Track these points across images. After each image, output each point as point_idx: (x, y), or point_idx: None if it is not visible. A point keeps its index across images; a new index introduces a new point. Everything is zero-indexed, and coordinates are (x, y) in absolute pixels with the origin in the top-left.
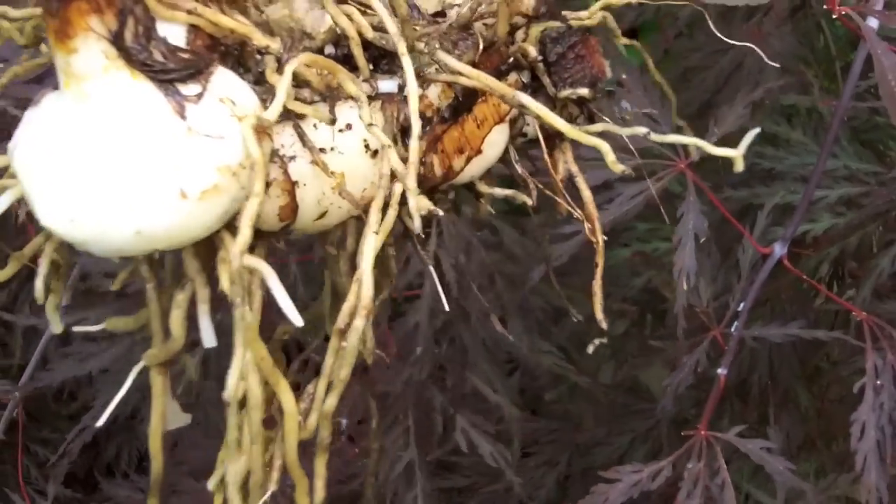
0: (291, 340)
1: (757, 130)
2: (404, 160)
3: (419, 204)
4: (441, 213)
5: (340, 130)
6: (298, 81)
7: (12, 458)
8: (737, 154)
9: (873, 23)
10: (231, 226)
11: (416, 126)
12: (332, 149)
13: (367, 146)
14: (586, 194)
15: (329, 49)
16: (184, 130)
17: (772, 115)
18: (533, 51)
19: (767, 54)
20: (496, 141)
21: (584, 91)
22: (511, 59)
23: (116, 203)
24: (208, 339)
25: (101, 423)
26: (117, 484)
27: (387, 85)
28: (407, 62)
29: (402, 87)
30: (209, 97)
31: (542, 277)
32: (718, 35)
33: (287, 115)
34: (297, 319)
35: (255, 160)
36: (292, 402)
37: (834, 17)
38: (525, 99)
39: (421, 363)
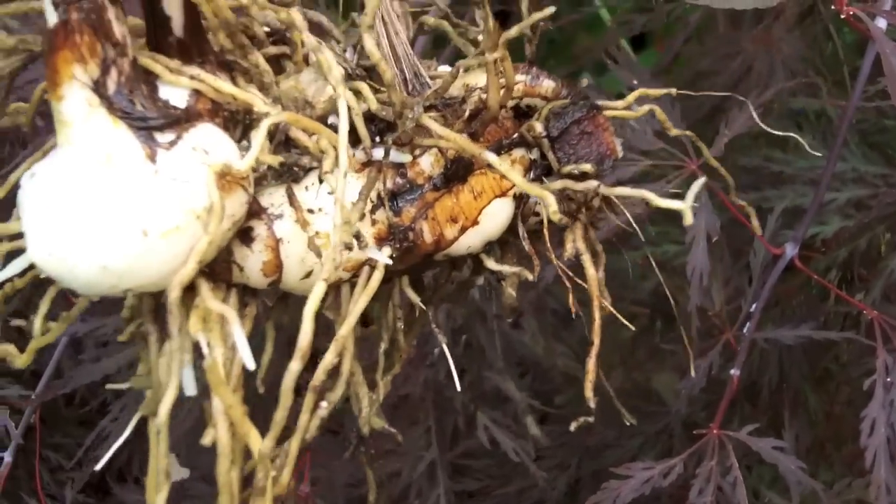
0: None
1: (703, 180)
2: (392, 224)
3: (329, 274)
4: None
5: (329, 192)
6: (300, 147)
7: (24, 463)
8: (684, 207)
9: (882, 23)
10: (209, 274)
11: (339, 181)
12: (319, 209)
13: None
14: (591, 273)
15: (332, 119)
16: (151, 173)
17: (780, 119)
18: (539, 127)
19: (776, 59)
20: (497, 213)
21: (586, 167)
22: (516, 135)
23: (84, 239)
24: (189, 387)
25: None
26: (129, 489)
27: (379, 153)
28: (342, 105)
29: (388, 152)
30: (183, 145)
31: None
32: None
33: (281, 176)
34: (250, 364)
35: (213, 203)
36: (266, 458)
37: (842, 16)
38: (491, 157)
39: (438, 365)
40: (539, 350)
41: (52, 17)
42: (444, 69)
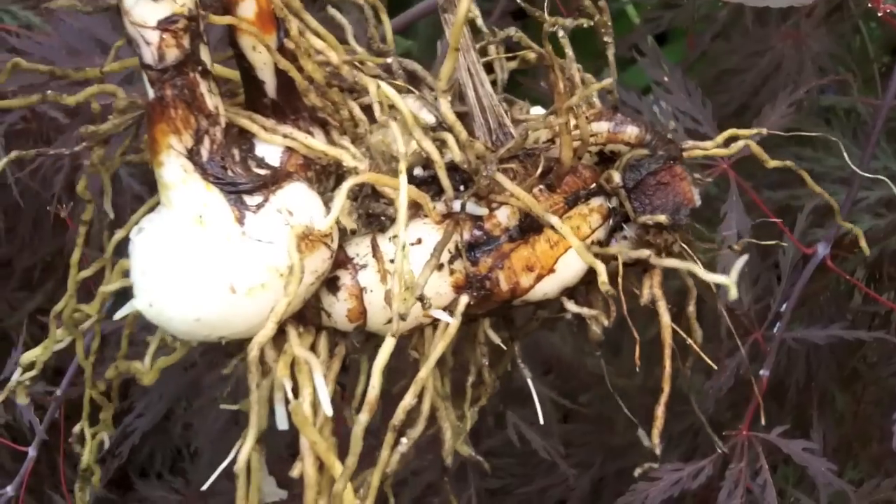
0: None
1: (745, 258)
2: (469, 274)
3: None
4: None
5: (412, 244)
6: (386, 198)
7: (46, 458)
8: (729, 282)
9: None
10: (300, 318)
11: (399, 255)
12: None
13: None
14: (665, 321)
15: (418, 171)
16: (239, 235)
17: (810, 116)
18: (616, 177)
19: (805, 56)
20: (573, 261)
21: (661, 218)
22: (594, 185)
23: (179, 295)
24: (281, 422)
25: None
26: (152, 485)
27: (458, 205)
28: (403, 184)
29: (464, 206)
30: (269, 207)
31: None
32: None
33: (369, 227)
34: (328, 410)
35: (293, 265)
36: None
37: (879, 14)
38: (553, 220)
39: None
40: (568, 350)
41: (150, 93)
42: (536, 111)
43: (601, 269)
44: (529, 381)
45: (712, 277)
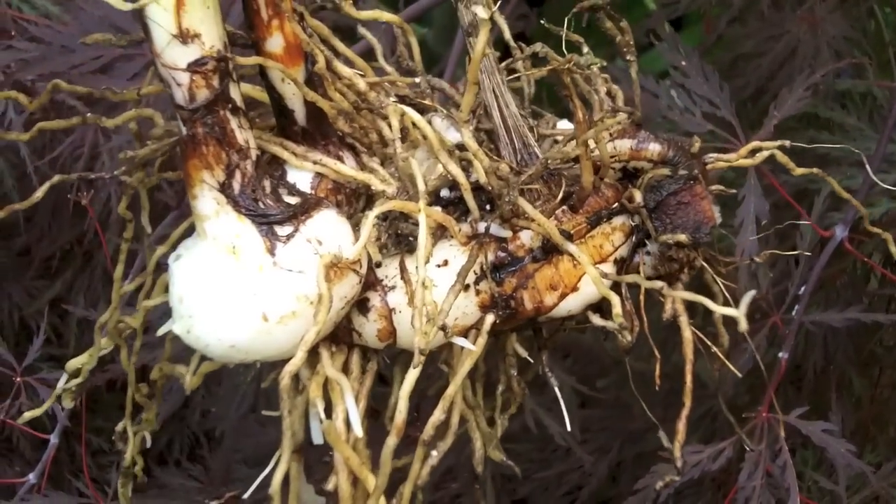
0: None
1: (752, 293)
2: (494, 294)
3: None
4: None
5: (438, 266)
6: (416, 220)
7: (66, 446)
8: (739, 315)
9: None
10: (332, 338)
11: (419, 291)
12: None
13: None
14: (687, 336)
15: (444, 192)
16: (270, 265)
17: (826, 100)
18: (638, 196)
19: (821, 40)
20: None
21: (681, 237)
22: (616, 204)
23: (214, 322)
24: (316, 436)
25: None
26: (170, 472)
27: (483, 227)
28: (422, 221)
29: (487, 229)
30: (299, 238)
31: None
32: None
33: (398, 247)
34: (359, 431)
35: (322, 294)
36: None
37: None
38: (571, 249)
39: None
40: (586, 335)
41: (183, 130)
42: (563, 125)
43: (616, 300)
44: (556, 389)
45: (724, 310)
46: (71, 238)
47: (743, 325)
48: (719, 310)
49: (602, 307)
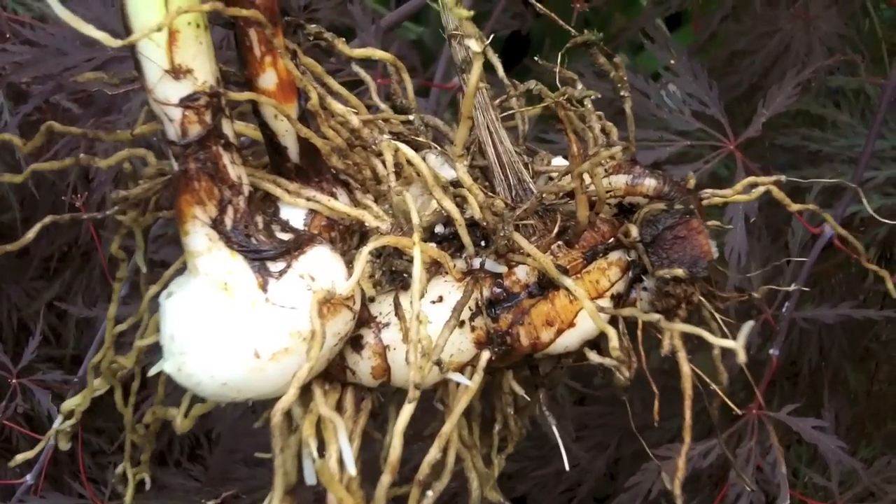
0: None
1: (751, 324)
2: (490, 330)
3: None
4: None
5: (433, 302)
6: (409, 256)
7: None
8: (738, 346)
9: None
10: (326, 376)
11: (413, 327)
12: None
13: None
14: (685, 371)
15: (439, 228)
16: (262, 301)
17: (818, 97)
18: (634, 231)
19: (814, 37)
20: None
21: (678, 271)
22: (612, 240)
23: (206, 360)
24: (309, 477)
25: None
26: (170, 472)
27: (477, 262)
28: (417, 258)
29: (482, 265)
30: (291, 273)
31: None
32: (765, 18)
33: (393, 283)
34: (352, 470)
35: (314, 330)
36: None
37: None
38: (567, 283)
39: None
40: None
41: (175, 166)
42: (558, 162)
43: (612, 334)
44: (555, 429)
45: (723, 342)
46: (69, 239)
47: (742, 358)
48: (718, 342)
49: (600, 345)
